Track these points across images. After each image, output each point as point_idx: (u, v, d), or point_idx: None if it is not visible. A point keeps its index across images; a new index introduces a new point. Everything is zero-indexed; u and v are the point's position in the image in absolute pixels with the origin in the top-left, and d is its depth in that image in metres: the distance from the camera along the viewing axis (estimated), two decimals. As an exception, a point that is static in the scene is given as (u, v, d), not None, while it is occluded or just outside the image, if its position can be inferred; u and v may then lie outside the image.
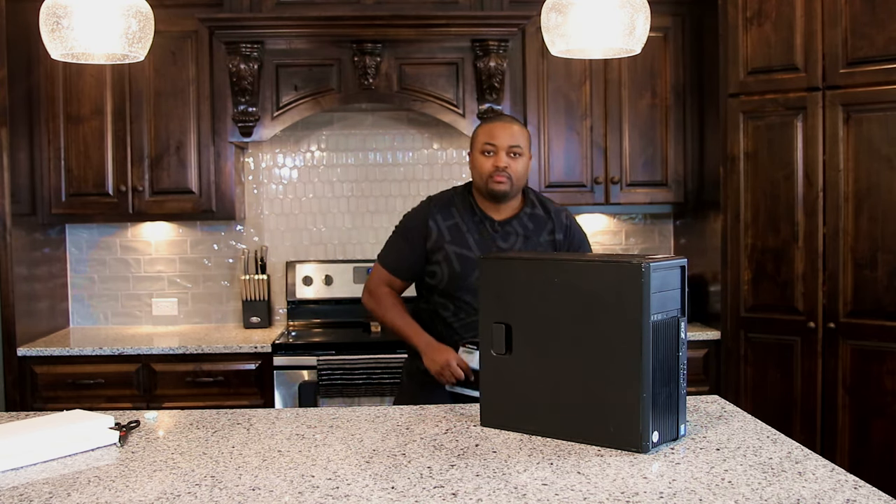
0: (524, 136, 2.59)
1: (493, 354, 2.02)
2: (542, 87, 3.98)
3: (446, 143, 4.34)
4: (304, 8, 3.84)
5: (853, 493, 1.56)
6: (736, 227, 3.65)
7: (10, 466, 1.77)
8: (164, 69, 3.91)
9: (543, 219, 2.63)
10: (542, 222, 2.62)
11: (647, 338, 1.80)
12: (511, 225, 2.59)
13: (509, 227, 2.59)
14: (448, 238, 2.56)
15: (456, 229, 2.58)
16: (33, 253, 3.93)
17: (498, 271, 2.04)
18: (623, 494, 1.57)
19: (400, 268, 2.65)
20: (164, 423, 2.16)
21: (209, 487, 1.65)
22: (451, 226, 2.58)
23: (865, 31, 3.29)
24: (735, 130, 3.63)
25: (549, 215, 2.65)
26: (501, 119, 2.64)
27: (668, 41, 4.00)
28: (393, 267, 2.66)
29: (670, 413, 1.89)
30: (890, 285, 3.28)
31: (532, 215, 2.62)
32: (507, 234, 2.58)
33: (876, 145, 3.30)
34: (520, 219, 2.61)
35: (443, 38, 3.80)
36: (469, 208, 2.61)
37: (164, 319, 4.32)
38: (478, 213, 2.60)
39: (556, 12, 2.10)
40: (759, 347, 3.62)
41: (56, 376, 3.68)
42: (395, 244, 2.66)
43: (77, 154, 3.91)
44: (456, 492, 1.60)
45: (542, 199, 2.69)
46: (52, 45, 1.99)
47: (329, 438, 1.98)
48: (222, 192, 3.96)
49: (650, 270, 1.80)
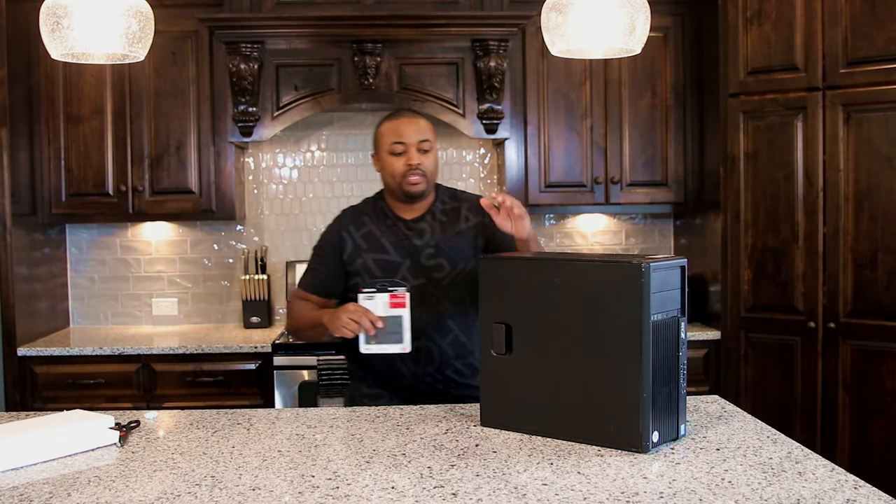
0: (431, 129, 2.50)
1: (493, 354, 2.02)
2: (542, 87, 3.98)
3: (446, 143, 4.34)
4: (304, 8, 3.84)
5: (853, 493, 1.56)
6: (736, 227, 3.65)
7: (10, 466, 1.77)
8: (164, 69, 3.91)
9: (456, 208, 2.54)
10: (456, 212, 2.54)
11: (647, 338, 1.80)
12: (424, 221, 2.50)
13: (423, 224, 2.50)
14: (364, 247, 2.48)
15: (370, 236, 2.50)
16: (33, 253, 3.93)
17: (498, 271, 2.04)
18: (623, 494, 1.57)
19: (316, 285, 2.54)
20: (164, 423, 2.16)
21: (209, 487, 1.65)
22: (365, 234, 2.50)
23: (865, 31, 3.29)
24: (735, 130, 3.63)
25: (461, 203, 2.56)
26: (405, 115, 2.53)
27: (668, 41, 4.00)
28: (309, 286, 2.56)
29: (670, 413, 1.89)
30: (890, 285, 3.28)
31: (444, 209, 2.54)
32: (421, 231, 2.49)
33: (876, 145, 3.30)
34: (432, 213, 2.52)
35: (443, 38, 3.80)
36: (381, 213, 2.53)
37: (164, 319, 4.32)
38: (390, 216, 2.52)
39: (556, 12, 2.10)
40: (759, 347, 3.62)
41: (56, 376, 3.68)
42: (311, 264, 2.58)
43: (77, 154, 3.91)
44: (456, 492, 1.60)
45: (452, 191, 2.60)
46: (52, 45, 1.99)
47: (329, 438, 1.98)
48: (222, 192, 3.96)
49: (650, 270, 1.80)
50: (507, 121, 3.91)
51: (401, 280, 2.36)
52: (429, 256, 2.46)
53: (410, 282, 2.41)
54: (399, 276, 2.42)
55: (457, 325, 2.46)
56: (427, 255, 2.46)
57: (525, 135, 3.99)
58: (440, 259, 2.46)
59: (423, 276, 2.44)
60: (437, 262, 2.46)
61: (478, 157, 4.38)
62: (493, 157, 4.36)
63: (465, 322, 2.47)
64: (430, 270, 2.45)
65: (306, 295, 2.56)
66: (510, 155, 4.00)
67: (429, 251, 2.46)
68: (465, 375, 2.48)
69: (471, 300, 2.43)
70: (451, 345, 2.45)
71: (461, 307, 2.46)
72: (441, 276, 2.45)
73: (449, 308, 2.45)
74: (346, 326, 2.24)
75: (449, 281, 2.45)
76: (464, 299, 2.46)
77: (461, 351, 2.47)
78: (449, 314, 2.45)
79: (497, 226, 2.30)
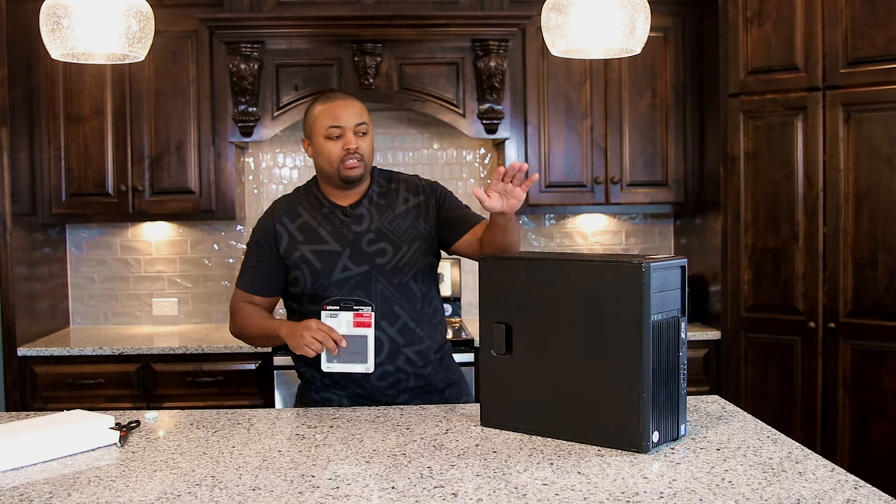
0: (366, 111, 2.39)
1: (493, 354, 2.02)
2: (542, 87, 3.98)
3: (446, 143, 4.34)
4: (304, 8, 3.84)
5: (853, 493, 1.55)
6: (736, 227, 3.65)
7: (10, 466, 1.77)
8: (164, 69, 3.91)
9: (393, 190, 2.45)
10: (394, 193, 2.44)
11: (647, 338, 1.80)
12: (362, 206, 2.40)
13: (361, 209, 2.40)
14: (300, 238, 2.38)
15: (306, 227, 2.39)
16: (33, 253, 3.93)
17: (498, 271, 2.04)
18: (623, 494, 1.57)
19: (255, 284, 2.42)
20: (164, 423, 2.16)
21: (209, 487, 1.65)
22: (300, 225, 2.39)
23: (865, 31, 3.29)
24: (735, 130, 3.63)
25: (399, 185, 2.47)
26: (339, 97, 2.40)
27: (668, 41, 4.00)
28: (248, 285, 2.43)
29: (670, 413, 1.89)
30: (890, 285, 3.28)
31: (381, 192, 2.44)
32: (359, 216, 2.39)
33: (876, 145, 3.30)
34: (369, 198, 2.42)
35: (443, 38, 3.80)
36: (316, 202, 2.42)
37: (164, 319, 4.32)
38: (326, 203, 2.41)
39: (556, 12, 2.10)
40: (759, 347, 3.62)
41: (56, 376, 3.68)
42: (247, 263, 2.45)
43: (77, 154, 3.91)
44: (456, 492, 1.60)
45: (388, 173, 2.51)
46: (52, 45, 1.99)
47: (329, 438, 1.98)
48: (222, 192, 3.97)
49: (650, 270, 1.80)
50: (507, 121, 3.91)
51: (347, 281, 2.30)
52: (370, 242, 2.36)
53: (353, 270, 2.33)
54: (340, 266, 2.33)
55: (405, 311, 2.35)
56: (368, 241, 2.36)
57: (525, 135, 3.99)
58: (382, 244, 2.36)
59: (366, 263, 2.33)
60: (380, 247, 2.36)
61: (478, 157, 4.38)
62: (493, 157, 4.36)
63: (412, 308, 2.37)
64: (373, 256, 2.35)
65: (248, 296, 2.43)
66: (510, 155, 4.00)
67: (369, 237, 2.36)
68: (417, 365, 2.37)
69: (417, 285, 2.38)
70: (400, 332, 2.34)
71: (408, 292, 2.36)
72: (385, 262, 2.35)
73: (395, 293, 2.34)
74: (310, 346, 2.16)
75: (393, 266, 2.35)
76: (409, 284, 2.37)
77: (412, 338, 2.36)
78: (396, 300, 2.34)
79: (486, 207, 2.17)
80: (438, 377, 2.45)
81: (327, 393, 2.41)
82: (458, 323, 4.14)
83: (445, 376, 2.47)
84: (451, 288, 4.22)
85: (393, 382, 2.36)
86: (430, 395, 2.43)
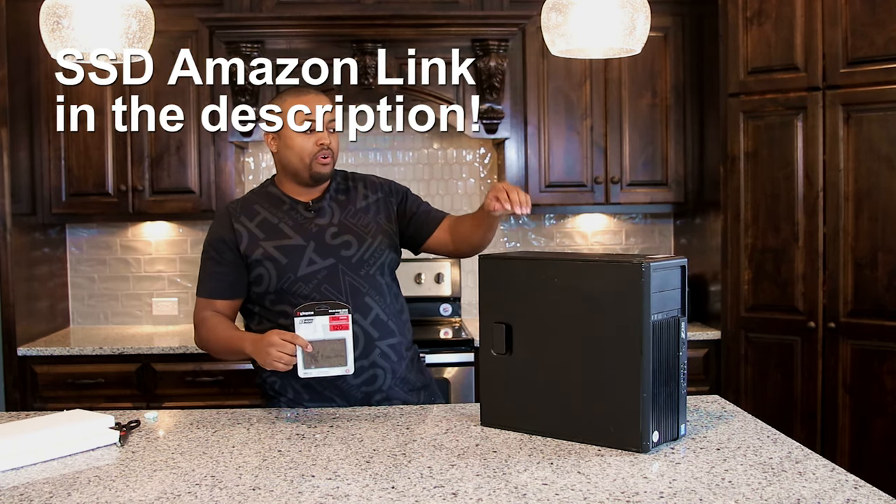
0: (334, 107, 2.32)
1: (493, 354, 2.02)
2: (542, 87, 3.98)
3: (446, 143, 4.34)
4: (304, 8, 3.84)
5: (853, 493, 1.56)
6: (736, 226, 3.65)
7: (10, 466, 1.77)
8: (164, 69, 3.90)
9: (352, 187, 2.43)
10: (353, 190, 2.43)
11: (647, 338, 1.80)
12: (323, 201, 2.38)
13: (322, 204, 2.37)
14: (262, 235, 2.32)
15: (267, 224, 2.33)
16: (33, 253, 3.93)
17: (498, 271, 2.04)
18: (623, 494, 1.57)
19: (220, 288, 2.35)
20: (164, 423, 2.16)
21: (209, 487, 1.65)
22: (260, 223, 2.34)
23: (865, 31, 3.29)
24: (735, 130, 3.63)
25: (356, 183, 2.46)
26: (311, 91, 2.33)
27: (668, 41, 4.00)
28: (209, 291, 2.37)
29: (670, 413, 1.89)
30: (890, 285, 3.28)
31: (339, 188, 2.42)
32: (321, 210, 2.36)
33: (876, 145, 3.30)
34: (330, 194, 2.40)
35: (443, 38, 3.80)
36: (275, 200, 2.38)
37: (164, 319, 4.32)
38: (286, 200, 2.37)
39: (556, 12, 2.10)
40: (759, 347, 3.62)
41: (56, 376, 3.68)
42: (205, 268, 2.38)
43: (77, 154, 3.91)
44: (456, 492, 1.60)
45: (343, 173, 2.48)
46: (52, 45, 1.99)
47: (329, 438, 1.98)
48: (222, 192, 3.96)
49: (650, 270, 1.80)
50: (507, 121, 3.91)
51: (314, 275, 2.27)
52: (333, 235, 2.33)
53: (319, 263, 2.30)
54: (305, 259, 2.29)
55: (375, 302, 2.31)
56: (332, 234, 2.33)
57: (525, 135, 3.98)
58: (346, 236, 2.34)
59: (332, 256, 2.31)
60: (344, 240, 2.33)
61: (478, 157, 4.38)
62: (493, 157, 4.36)
63: (382, 300, 2.33)
64: (338, 249, 2.32)
65: (210, 303, 2.37)
66: (510, 155, 4.00)
67: (332, 230, 2.33)
68: (392, 360, 2.32)
69: (384, 278, 2.36)
70: (374, 324, 2.30)
71: (376, 283, 2.33)
72: (350, 254, 2.32)
73: (364, 285, 2.31)
74: (279, 361, 2.09)
75: (359, 258, 2.32)
76: (377, 276, 2.34)
77: (385, 331, 2.32)
78: (365, 291, 2.31)
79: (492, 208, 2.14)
80: (412, 377, 2.41)
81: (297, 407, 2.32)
82: (458, 323, 4.14)
83: (419, 377, 2.44)
84: (451, 288, 4.22)
85: (369, 379, 2.30)
86: (407, 394, 2.37)
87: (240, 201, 2.44)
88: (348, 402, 2.31)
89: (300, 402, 2.33)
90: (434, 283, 4.19)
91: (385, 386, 2.33)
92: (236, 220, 2.35)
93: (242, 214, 2.36)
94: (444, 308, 4.19)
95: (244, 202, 2.41)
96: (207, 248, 2.39)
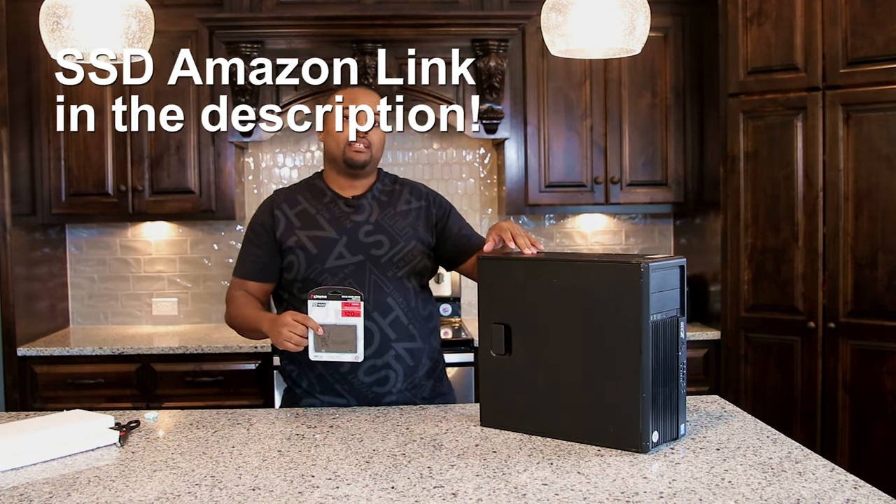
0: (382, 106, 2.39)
1: (493, 355, 2.02)
2: (542, 87, 3.98)
3: (446, 143, 4.34)
4: (304, 8, 3.84)
5: (853, 493, 1.56)
6: (736, 226, 3.65)
7: (10, 466, 1.77)
8: (164, 69, 3.90)
9: (398, 191, 2.47)
10: (397, 194, 2.46)
11: (647, 338, 1.80)
12: (365, 198, 2.42)
13: (363, 201, 2.41)
14: (298, 224, 2.38)
15: (305, 214, 2.40)
16: (33, 253, 3.93)
17: (497, 271, 2.04)
18: (623, 494, 1.57)
19: (253, 270, 2.42)
20: (164, 423, 2.16)
21: (209, 487, 1.65)
22: (299, 212, 2.40)
23: (865, 31, 3.29)
24: (735, 130, 3.63)
25: (403, 187, 2.49)
26: (360, 87, 2.42)
27: (668, 41, 4.00)
28: (243, 272, 2.44)
29: (670, 413, 1.89)
30: (890, 285, 3.28)
31: (384, 190, 2.46)
32: (360, 207, 2.40)
33: (876, 145, 3.30)
34: (372, 193, 2.44)
35: (443, 38, 3.80)
36: (318, 192, 2.44)
37: (164, 319, 4.32)
38: (328, 193, 2.43)
39: (556, 12, 2.10)
40: (759, 347, 3.62)
41: (56, 376, 3.68)
42: (244, 250, 2.46)
43: (77, 154, 3.91)
44: (456, 492, 1.60)
45: (394, 177, 2.53)
46: (52, 45, 1.99)
47: (329, 438, 1.98)
48: (222, 192, 3.97)
49: (649, 270, 1.80)
50: (507, 121, 3.91)
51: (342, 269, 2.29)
52: (367, 233, 2.36)
53: (348, 258, 2.33)
54: (335, 253, 2.33)
55: (398, 304, 2.33)
56: (365, 232, 2.36)
57: (525, 135, 3.99)
58: (379, 236, 2.37)
59: (362, 253, 2.33)
60: (377, 239, 2.36)
61: (478, 157, 4.38)
62: (493, 157, 4.36)
63: (406, 303, 2.34)
64: (369, 247, 2.35)
65: (243, 283, 2.44)
66: (510, 155, 4.00)
67: (367, 228, 2.36)
68: (407, 364, 2.33)
69: (412, 283, 2.37)
70: (392, 325, 2.31)
71: (402, 287, 2.35)
72: (381, 254, 2.34)
73: (389, 286, 2.33)
74: (290, 341, 2.15)
75: (388, 258, 2.34)
76: (404, 280, 2.35)
77: (403, 334, 2.33)
78: (389, 292, 2.32)
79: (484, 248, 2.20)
80: (428, 385, 2.40)
81: (310, 399, 2.36)
82: (458, 323, 4.14)
83: (436, 386, 2.43)
84: (451, 288, 4.22)
85: (381, 379, 2.32)
86: (419, 402, 2.37)
87: (286, 189, 2.52)
88: (358, 399, 2.33)
89: (313, 394, 2.36)
90: (434, 283, 4.19)
91: (396, 388, 2.34)
92: (277, 207, 2.43)
93: (284, 202, 2.44)
94: (443, 308, 4.19)
95: (289, 191, 2.50)
96: (248, 230, 2.48)
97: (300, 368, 2.37)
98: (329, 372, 2.32)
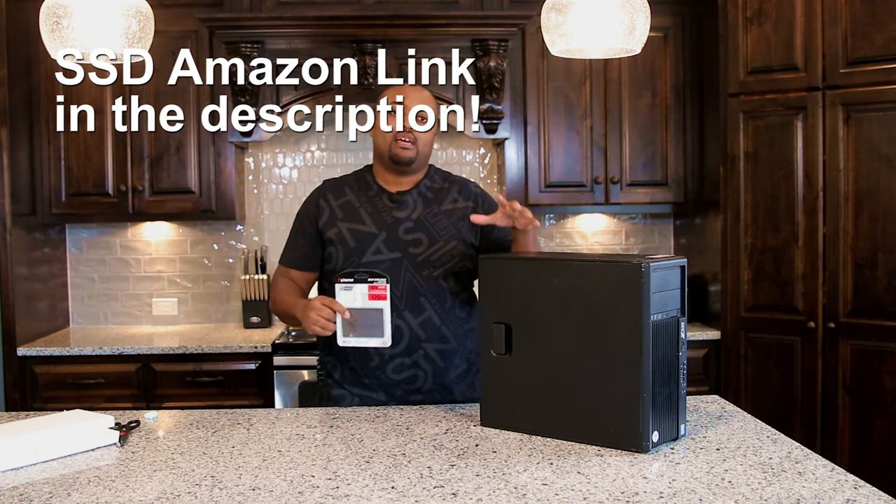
0: (434, 104, 2.40)
1: (493, 354, 2.02)
2: (542, 87, 3.98)
3: (446, 143, 4.34)
4: (304, 8, 3.84)
5: (853, 493, 1.56)
6: (736, 226, 3.65)
7: (10, 466, 1.77)
8: (163, 69, 3.90)
9: (446, 189, 2.46)
10: (445, 192, 2.45)
11: (647, 338, 1.80)
12: (409, 195, 2.41)
13: (407, 197, 2.41)
14: (340, 215, 2.40)
15: (349, 206, 2.41)
16: (33, 253, 3.93)
17: (498, 271, 2.04)
18: (623, 494, 1.57)
19: (296, 258, 2.46)
20: (164, 423, 2.16)
21: (209, 487, 1.65)
22: (343, 203, 2.42)
23: (865, 31, 3.29)
24: (735, 130, 3.63)
25: (452, 185, 2.48)
26: (411, 84, 2.45)
27: (668, 41, 4.00)
28: (287, 259, 2.49)
29: (670, 413, 1.89)
30: (890, 285, 3.28)
31: (432, 187, 2.45)
32: (404, 203, 2.40)
33: (876, 145, 3.30)
34: (419, 189, 2.43)
35: (443, 38, 3.80)
36: (364, 184, 2.45)
37: (164, 319, 4.32)
38: (374, 187, 2.43)
39: (556, 12, 2.10)
40: (759, 347, 3.62)
41: (56, 376, 3.68)
42: (290, 239, 2.51)
43: (77, 154, 3.91)
44: (456, 492, 1.60)
45: (446, 174, 2.52)
46: (52, 45, 1.99)
47: (329, 438, 1.98)
48: (222, 192, 3.97)
49: (650, 270, 1.80)
50: (507, 121, 3.91)
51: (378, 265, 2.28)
52: (407, 230, 2.36)
53: (385, 254, 2.33)
54: (373, 248, 2.33)
55: (431, 305, 2.33)
56: (405, 229, 2.36)
57: (525, 135, 3.98)
58: (419, 234, 2.36)
59: (399, 250, 2.33)
60: (416, 237, 2.35)
61: (478, 157, 4.38)
62: (493, 157, 4.36)
63: (440, 304, 2.34)
64: (407, 245, 2.34)
65: (286, 271, 2.48)
66: (510, 155, 4.00)
67: (408, 225, 2.36)
68: (437, 365, 2.34)
69: (448, 283, 2.35)
70: (423, 325, 2.31)
71: (437, 287, 2.34)
72: (418, 252, 2.34)
73: (423, 286, 2.33)
74: (317, 324, 2.17)
75: (425, 257, 2.34)
76: (440, 280, 2.34)
77: (434, 334, 2.33)
78: (423, 292, 2.32)
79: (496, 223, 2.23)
80: (459, 389, 2.39)
81: (340, 389, 2.40)
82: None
83: (467, 391, 2.41)
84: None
85: (409, 378, 2.33)
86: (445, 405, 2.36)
87: (334, 180, 2.53)
88: (387, 396, 2.35)
89: (343, 385, 2.40)
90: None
91: (425, 388, 2.35)
92: (323, 197, 2.45)
93: (330, 192, 2.46)
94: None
95: (337, 182, 2.51)
96: (295, 219, 2.51)
97: (335, 360, 2.41)
98: (360, 365, 2.35)
